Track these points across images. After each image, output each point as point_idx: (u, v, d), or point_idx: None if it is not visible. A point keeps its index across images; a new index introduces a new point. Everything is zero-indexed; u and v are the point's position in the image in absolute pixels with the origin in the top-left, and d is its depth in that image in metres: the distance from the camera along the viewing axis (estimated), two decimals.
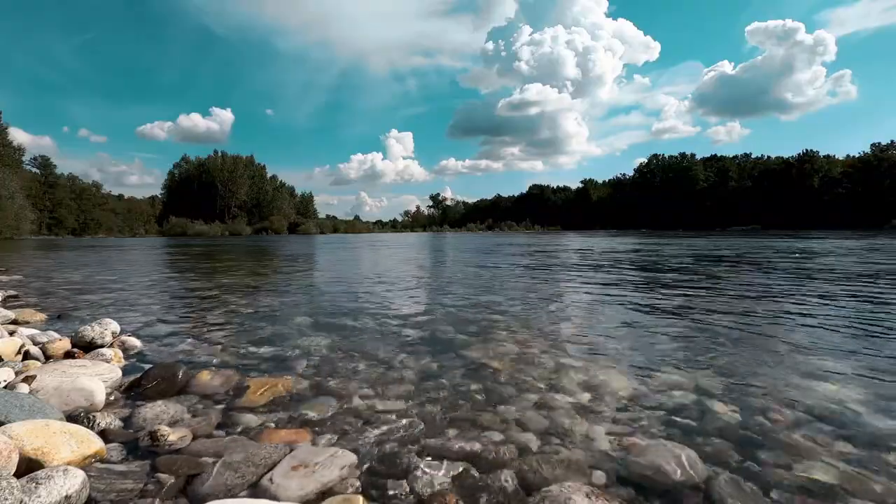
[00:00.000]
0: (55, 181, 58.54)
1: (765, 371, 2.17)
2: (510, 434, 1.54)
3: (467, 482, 1.27)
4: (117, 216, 67.84)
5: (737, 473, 1.29)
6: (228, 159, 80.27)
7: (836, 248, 11.84)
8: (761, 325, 3.17)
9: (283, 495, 1.18)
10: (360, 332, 3.06)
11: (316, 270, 8.33)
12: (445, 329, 3.15)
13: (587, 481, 1.27)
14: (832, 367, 2.21)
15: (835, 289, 4.81)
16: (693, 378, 2.07)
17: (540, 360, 2.37)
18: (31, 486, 1.07)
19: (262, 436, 1.53)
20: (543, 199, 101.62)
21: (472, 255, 11.97)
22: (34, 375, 1.80)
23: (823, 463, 1.34)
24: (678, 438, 1.50)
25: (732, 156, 77.02)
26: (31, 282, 6.28)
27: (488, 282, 5.99)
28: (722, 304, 4.05)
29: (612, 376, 2.11)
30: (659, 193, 78.84)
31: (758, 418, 1.65)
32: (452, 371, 2.22)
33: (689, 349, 2.57)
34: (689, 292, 4.74)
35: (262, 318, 3.57)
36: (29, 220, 46.63)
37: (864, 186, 58.04)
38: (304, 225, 78.17)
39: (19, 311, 3.53)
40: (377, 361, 2.38)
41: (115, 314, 3.54)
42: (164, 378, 1.97)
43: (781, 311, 3.67)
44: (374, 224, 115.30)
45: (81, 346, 2.48)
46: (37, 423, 1.35)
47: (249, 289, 5.53)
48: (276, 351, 2.59)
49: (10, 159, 49.86)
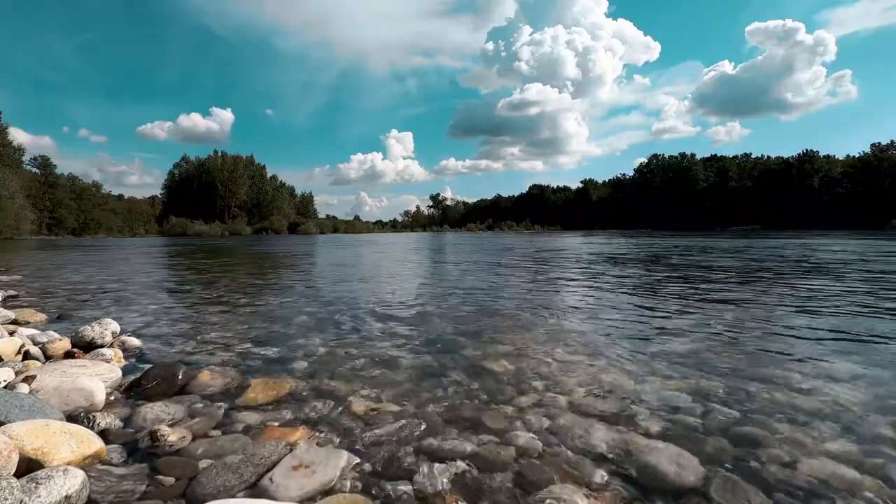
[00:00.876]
0: (55, 181, 58.57)
1: (765, 371, 2.17)
2: (510, 434, 1.54)
3: (467, 482, 1.27)
4: (117, 216, 67.86)
5: (736, 474, 1.29)
6: (228, 159, 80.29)
7: (845, 248, 11.84)
8: (761, 325, 3.17)
9: (283, 495, 1.18)
10: (360, 332, 3.06)
11: (316, 270, 8.33)
12: (445, 329, 3.15)
13: (587, 481, 1.27)
14: (833, 367, 2.21)
15: (836, 289, 4.81)
16: (693, 378, 2.07)
17: (539, 360, 2.37)
18: (31, 486, 1.07)
19: (263, 436, 1.53)
20: (543, 199, 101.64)
21: (472, 255, 11.97)
22: (34, 375, 1.80)
23: (824, 463, 1.34)
24: (678, 438, 1.49)
25: (732, 156, 77.20)
26: (31, 282, 6.28)
27: (488, 282, 5.99)
28: (722, 304, 4.05)
29: (611, 376, 2.11)
30: (659, 193, 78.86)
31: (757, 418, 1.65)
32: (452, 371, 2.22)
33: (688, 349, 2.57)
34: (689, 292, 4.74)
35: (263, 318, 3.57)
36: (29, 220, 46.65)
37: (864, 186, 58.06)
38: (304, 225, 78.19)
39: (19, 311, 3.53)
40: (377, 361, 2.38)
41: (115, 314, 3.54)
42: (164, 378, 1.97)
43: (782, 311, 3.67)
44: (374, 224, 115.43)
45: (81, 346, 2.48)
46: (37, 423, 1.35)
47: (249, 289, 5.53)
48: (277, 351, 2.59)
49: (10, 159, 49.89)
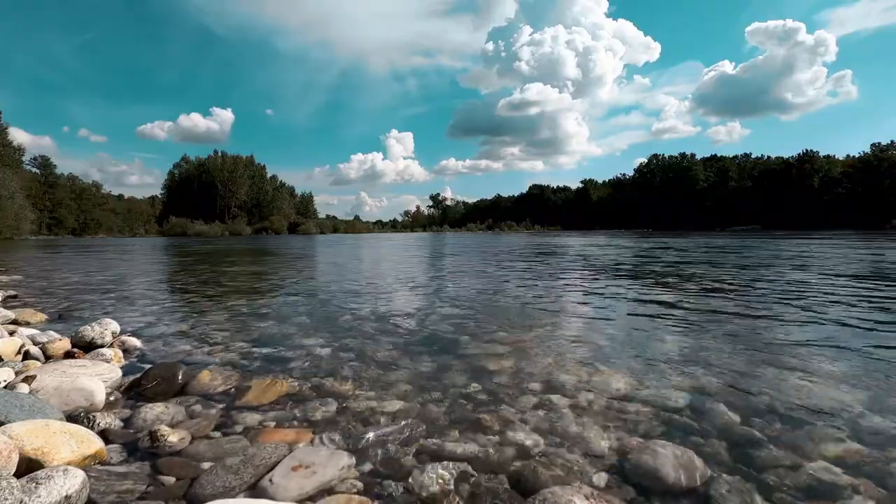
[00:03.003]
0: (55, 181, 58.58)
1: (765, 371, 2.17)
2: (510, 435, 1.54)
3: (467, 483, 1.27)
4: (117, 216, 67.89)
5: (737, 474, 1.29)
6: (228, 159, 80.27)
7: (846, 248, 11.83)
8: (762, 325, 3.17)
9: (283, 496, 1.18)
10: (360, 332, 3.06)
11: (316, 270, 8.33)
12: (445, 329, 3.15)
13: (587, 482, 1.27)
14: (833, 367, 2.21)
15: (836, 289, 4.80)
16: (693, 378, 2.07)
17: (539, 361, 2.37)
18: (31, 486, 1.07)
19: (263, 436, 1.53)
20: (543, 199, 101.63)
21: (472, 255, 11.96)
22: (34, 375, 1.80)
23: (824, 463, 1.34)
24: (678, 439, 1.49)
25: (732, 156, 77.11)
26: (31, 282, 6.28)
27: (488, 281, 5.99)
28: (722, 304, 4.05)
29: (611, 376, 2.11)
30: (659, 193, 78.81)
31: (758, 419, 1.64)
32: (452, 371, 2.22)
33: (688, 349, 2.57)
34: (689, 292, 4.74)
35: (263, 318, 3.57)
36: (29, 220, 46.66)
37: (864, 186, 58.01)
38: (304, 225, 78.18)
39: (19, 311, 3.53)
40: (377, 361, 2.38)
41: (115, 314, 3.54)
42: (165, 378, 1.97)
43: (782, 311, 3.67)
44: (374, 224, 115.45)
45: (81, 346, 2.48)
46: (37, 423, 1.35)
47: (249, 289, 5.53)
48: (277, 351, 2.59)
49: (10, 159, 49.91)
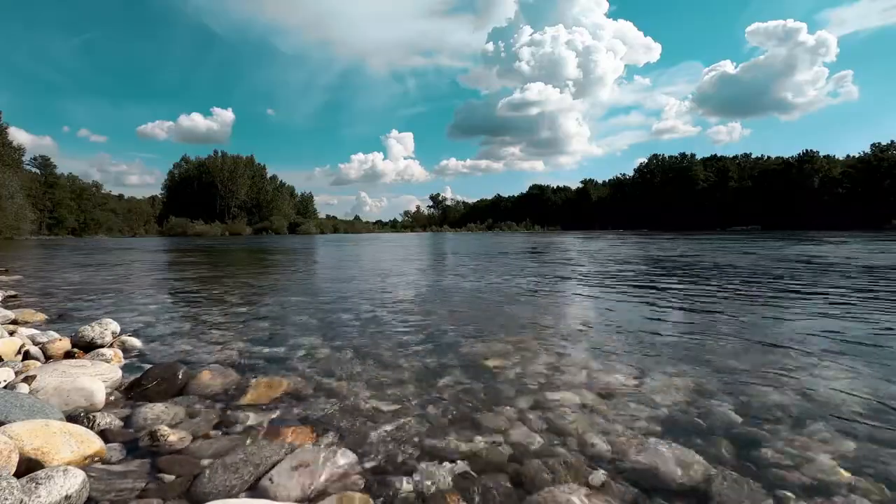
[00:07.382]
0: (55, 181, 58.55)
1: (765, 371, 2.17)
2: (510, 434, 1.54)
3: (468, 482, 1.27)
4: (117, 216, 67.86)
5: (737, 473, 1.29)
6: (228, 159, 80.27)
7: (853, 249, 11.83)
8: (762, 325, 3.17)
9: (284, 495, 1.18)
10: (361, 332, 3.06)
11: (316, 270, 8.33)
12: (445, 329, 3.15)
13: (586, 481, 1.27)
14: (833, 367, 2.21)
15: (837, 289, 4.80)
16: (693, 378, 2.07)
17: (540, 361, 2.37)
18: (31, 486, 1.07)
19: (263, 436, 1.53)
20: (543, 199, 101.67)
21: (472, 255, 11.96)
22: (34, 375, 1.80)
23: (824, 463, 1.34)
24: (678, 438, 1.49)
25: (732, 156, 77.08)
26: (31, 282, 6.28)
27: (488, 281, 5.99)
28: (722, 304, 4.05)
29: (611, 376, 2.11)
30: (659, 193, 78.81)
31: (758, 418, 1.65)
32: (453, 371, 2.22)
33: (688, 349, 2.57)
34: (689, 292, 4.74)
35: (263, 318, 3.57)
36: (29, 220, 46.69)
37: (865, 186, 58.00)
38: (304, 225, 78.21)
39: (19, 311, 3.53)
40: (378, 361, 2.38)
41: (115, 314, 3.54)
42: (164, 378, 1.97)
43: (783, 311, 3.67)
44: (375, 224, 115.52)
45: (81, 346, 2.48)
46: (37, 423, 1.35)
47: (249, 288, 5.53)
48: (277, 351, 2.59)
49: (10, 159, 49.87)
